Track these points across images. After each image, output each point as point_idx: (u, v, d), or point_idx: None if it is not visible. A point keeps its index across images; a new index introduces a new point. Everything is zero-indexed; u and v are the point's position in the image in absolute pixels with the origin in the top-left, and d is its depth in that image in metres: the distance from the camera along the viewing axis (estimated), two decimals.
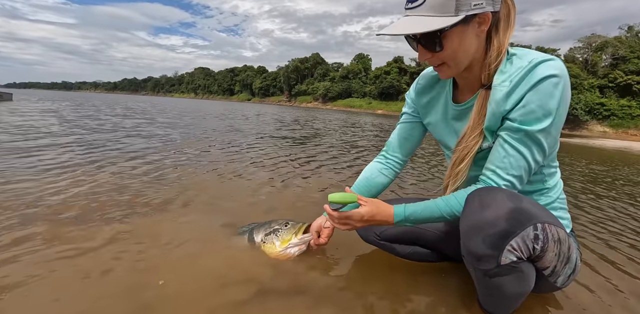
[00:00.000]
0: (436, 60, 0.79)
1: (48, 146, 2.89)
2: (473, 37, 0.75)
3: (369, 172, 1.10)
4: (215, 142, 3.96)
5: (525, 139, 0.75)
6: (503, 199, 0.71)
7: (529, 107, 0.72)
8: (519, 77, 0.73)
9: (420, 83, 1.01)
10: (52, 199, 1.53)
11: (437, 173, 2.96)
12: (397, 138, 1.08)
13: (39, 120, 5.21)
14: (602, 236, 1.60)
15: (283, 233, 1.11)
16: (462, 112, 0.89)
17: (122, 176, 2.04)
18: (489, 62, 0.78)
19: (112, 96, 46.40)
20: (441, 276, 1.07)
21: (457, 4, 0.69)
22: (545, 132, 0.74)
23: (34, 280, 0.89)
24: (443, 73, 0.82)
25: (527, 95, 0.72)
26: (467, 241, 0.75)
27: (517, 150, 0.76)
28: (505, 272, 0.73)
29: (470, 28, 0.73)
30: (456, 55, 0.76)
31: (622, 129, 28.27)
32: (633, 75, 30.16)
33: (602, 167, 4.68)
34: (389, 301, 0.92)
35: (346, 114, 23.56)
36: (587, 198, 2.46)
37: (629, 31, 34.73)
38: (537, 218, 0.70)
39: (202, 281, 0.94)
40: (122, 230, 1.24)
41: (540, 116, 0.72)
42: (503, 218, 0.69)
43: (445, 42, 0.73)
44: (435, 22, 0.70)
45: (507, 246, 0.69)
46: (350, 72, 61.33)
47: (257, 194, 1.89)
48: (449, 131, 0.95)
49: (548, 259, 0.74)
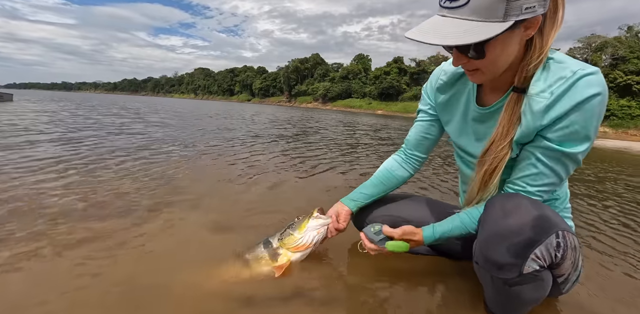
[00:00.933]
0: (472, 66, 0.71)
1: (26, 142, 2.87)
2: (517, 43, 0.67)
3: (389, 164, 1.09)
4: (201, 141, 3.94)
5: (562, 158, 0.72)
6: (527, 206, 0.69)
7: (571, 128, 0.67)
8: (561, 90, 0.66)
9: (442, 79, 0.92)
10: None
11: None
12: (414, 137, 1.04)
13: (27, 119, 5.17)
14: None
15: (297, 223, 1.04)
16: (486, 115, 0.82)
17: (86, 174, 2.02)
18: (527, 65, 0.69)
19: (112, 97, 46.39)
20: (442, 274, 1.06)
21: (507, 8, 0.59)
22: (584, 152, 0.71)
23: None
24: (476, 78, 0.75)
25: (570, 114, 0.66)
26: (487, 249, 0.71)
27: (552, 169, 0.73)
28: (526, 281, 0.71)
29: (516, 33, 0.65)
30: (496, 62, 0.68)
31: (622, 129, 28.30)
32: (633, 76, 30.20)
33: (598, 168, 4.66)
34: (388, 298, 0.91)
35: (344, 114, 23.55)
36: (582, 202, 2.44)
37: (628, 31, 34.78)
38: (558, 225, 0.68)
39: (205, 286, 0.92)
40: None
41: (582, 137, 0.69)
42: (528, 226, 0.67)
43: (488, 49, 0.65)
44: (482, 30, 0.60)
45: (532, 254, 0.67)
46: (350, 73, 61.41)
47: (238, 192, 1.87)
48: (469, 133, 0.88)
49: (565, 267, 0.73)
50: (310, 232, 1.01)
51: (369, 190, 1.08)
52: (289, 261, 1.00)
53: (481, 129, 0.84)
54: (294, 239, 1.00)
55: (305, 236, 1.00)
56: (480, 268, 0.76)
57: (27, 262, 0.98)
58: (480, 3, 0.60)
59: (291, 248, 1.01)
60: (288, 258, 1.00)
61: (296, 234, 1.01)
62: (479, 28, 0.60)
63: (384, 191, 1.09)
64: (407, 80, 50.95)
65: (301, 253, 1.01)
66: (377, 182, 1.08)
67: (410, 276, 1.06)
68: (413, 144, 1.05)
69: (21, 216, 1.31)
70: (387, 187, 1.08)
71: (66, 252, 1.05)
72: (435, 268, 1.12)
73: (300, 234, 1.01)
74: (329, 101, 61.01)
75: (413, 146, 1.05)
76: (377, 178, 1.08)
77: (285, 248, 1.01)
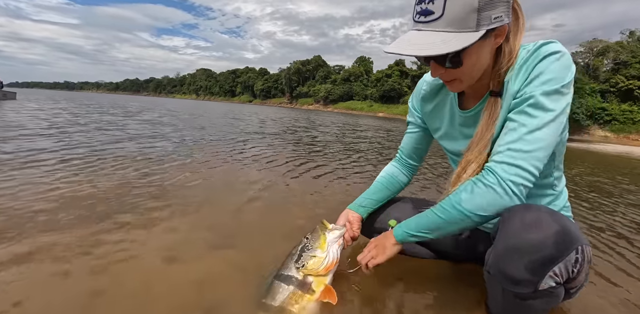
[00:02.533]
0: (449, 76, 0.75)
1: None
2: (488, 51, 0.72)
3: (390, 171, 1.13)
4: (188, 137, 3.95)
5: (526, 109, 0.70)
6: (548, 220, 0.66)
7: (535, 78, 0.70)
8: (524, 60, 0.72)
9: (425, 89, 0.98)
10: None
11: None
12: (407, 147, 1.11)
13: (19, 116, 5.19)
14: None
15: (312, 242, 0.91)
16: (470, 118, 0.86)
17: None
18: (498, 70, 0.75)
19: (113, 96, 46.47)
20: (443, 277, 1.06)
21: (479, 19, 0.64)
22: (558, 93, 0.69)
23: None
24: (455, 87, 0.78)
25: (534, 70, 0.70)
26: (503, 262, 0.69)
27: (520, 122, 0.71)
28: (540, 296, 0.69)
29: (487, 42, 0.69)
30: (472, 70, 0.72)
31: (624, 133, 28.25)
32: (635, 80, 30.17)
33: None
34: (387, 299, 0.91)
35: (345, 116, 23.55)
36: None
37: (630, 36, 34.77)
38: (578, 240, 0.66)
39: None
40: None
41: (549, 79, 0.69)
42: (550, 242, 0.64)
43: (464, 58, 0.69)
44: (458, 40, 0.64)
45: (550, 272, 0.65)
46: (352, 75, 61.51)
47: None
48: (457, 137, 0.92)
49: (579, 280, 0.71)
50: (331, 247, 0.91)
51: (375, 196, 1.10)
52: (327, 284, 0.86)
53: (468, 131, 0.88)
54: (320, 261, 0.87)
55: (329, 253, 0.90)
56: (491, 277, 0.74)
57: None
58: (454, 15, 0.63)
59: (321, 270, 0.87)
60: (323, 282, 0.86)
61: (319, 254, 0.88)
62: (455, 38, 0.64)
63: (389, 196, 1.12)
64: (409, 83, 51.00)
65: (332, 271, 0.89)
66: (382, 187, 1.10)
67: (411, 278, 1.06)
68: (407, 153, 1.11)
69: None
70: (391, 192, 1.11)
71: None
72: (436, 271, 1.11)
73: (323, 253, 0.89)
74: (330, 103, 61.05)
75: (407, 155, 1.12)
76: (382, 184, 1.11)
77: (314, 273, 0.86)
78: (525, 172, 0.69)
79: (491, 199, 0.71)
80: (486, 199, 0.71)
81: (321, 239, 0.91)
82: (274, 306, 0.82)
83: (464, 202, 0.73)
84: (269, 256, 1.07)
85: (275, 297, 0.83)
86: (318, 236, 0.92)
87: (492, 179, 0.71)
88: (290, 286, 0.84)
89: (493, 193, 0.71)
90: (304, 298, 0.83)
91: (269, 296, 0.84)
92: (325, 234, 0.93)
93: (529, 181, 0.70)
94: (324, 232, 0.93)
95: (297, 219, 1.54)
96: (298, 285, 0.84)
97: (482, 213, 0.72)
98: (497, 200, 0.71)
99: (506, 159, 0.70)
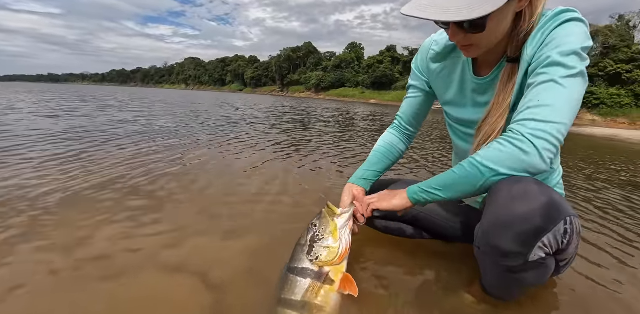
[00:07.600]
0: (468, 41, 0.71)
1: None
2: (511, 15, 0.68)
3: (388, 139, 1.09)
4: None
5: (558, 63, 0.65)
6: (535, 192, 0.65)
7: (552, 41, 0.67)
8: (541, 25, 0.69)
9: (435, 50, 0.91)
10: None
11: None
12: (407, 113, 1.07)
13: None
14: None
15: (322, 231, 0.83)
16: (484, 85, 0.83)
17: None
18: (517, 35, 0.71)
19: (99, 88, 45.15)
20: (437, 256, 1.09)
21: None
22: (576, 55, 0.65)
23: None
24: (472, 53, 0.75)
25: (550, 34, 0.67)
26: (493, 236, 0.68)
27: (552, 75, 0.66)
28: (531, 268, 0.69)
29: (511, 5, 0.66)
30: (493, 35, 0.69)
31: (611, 117, 28.63)
32: (622, 64, 30.38)
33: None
34: (384, 280, 0.94)
35: (337, 104, 23.38)
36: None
37: (619, 20, 34.79)
38: (567, 211, 0.65)
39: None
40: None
41: (566, 42, 0.65)
42: (537, 214, 0.63)
43: (488, 23, 0.65)
44: (487, 3, 0.60)
45: (539, 243, 0.65)
46: (343, 62, 60.59)
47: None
48: (467, 104, 0.88)
49: (569, 252, 0.71)
50: (343, 232, 0.84)
51: (376, 167, 1.06)
52: (344, 272, 0.82)
53: (480, 98, 0.85)
54: (335, 251, 0.81)
55: (342, 240, 0.83)
56: (481, 253, 0.74)
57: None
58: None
59: (336, 259, 0.81)
60: (340, 270, 0.82)
61: (332, 243, 0.81)
62: (482, 1, 0.61)
63: (389, 165, 1.09)
64: (400, 69, 50.50)
65: (346, 258, 0.84)
66: (382, 157, 1.06)
67: (406, 258, 1.09)
68: (406, 120, 1.08)
69: None
70: (391, 161, 1.08)
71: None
72: (430, 250, 1.14)
73: (337, 242, 0.82)
74: (322, 91, 60.36)
75: (407, 121, 1.08)
76: (381, 153, 1.07)
77: (330, 264, 0.81)
78: (551, 127, 0.64)
79: (510, 154, 0.66)
80: (504, 154, 0.67)
81: (331, 227, 0.83)
82: (296, 300, 0.76)
83: (481, 156, 0.70)
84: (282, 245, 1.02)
85: (295, 291, 0.77)
86: (327, 223, 0.84)
87: (514, 135, 0.67)
88: (307, 279, 0.79)
89: (512, 148, 0.66)
90: (324, 289, 0.78)
91: (288, 291, 0.78)
92: (334, 220, 0.85)
93: (553, 137, 0.65)
94: (333, 219, 0.85)
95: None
96: (315, 277, 0.79)
97: (498, 168, 0.67)
98: (516, 154, 0.66)
99: (528, 116, 0.66)
